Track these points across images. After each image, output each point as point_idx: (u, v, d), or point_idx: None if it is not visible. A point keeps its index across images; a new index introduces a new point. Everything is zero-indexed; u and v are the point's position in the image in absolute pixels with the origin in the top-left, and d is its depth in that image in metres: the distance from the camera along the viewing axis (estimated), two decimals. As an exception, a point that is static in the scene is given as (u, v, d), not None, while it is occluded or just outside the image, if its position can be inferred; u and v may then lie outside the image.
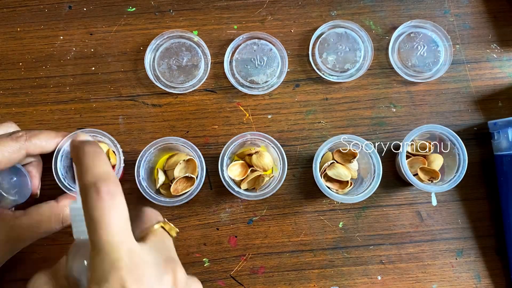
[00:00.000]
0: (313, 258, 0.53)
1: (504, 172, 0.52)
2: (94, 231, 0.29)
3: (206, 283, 0.53)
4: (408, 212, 0.54)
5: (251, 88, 0.56)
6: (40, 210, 0.46)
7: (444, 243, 0.54)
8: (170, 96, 0.56)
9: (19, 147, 0.45)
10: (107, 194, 0.30)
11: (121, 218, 0.30)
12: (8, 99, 0.55)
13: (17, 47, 0.56)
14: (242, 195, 0.49)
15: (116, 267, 0.29)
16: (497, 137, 0.53)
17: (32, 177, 0.49)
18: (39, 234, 0.46)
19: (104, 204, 0.29)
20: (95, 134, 0.49)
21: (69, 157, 0.50)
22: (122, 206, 0.31)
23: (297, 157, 0.55)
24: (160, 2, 0.57)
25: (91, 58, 0.56)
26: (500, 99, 0.56)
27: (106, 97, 0.55)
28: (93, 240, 0.30)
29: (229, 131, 0.55)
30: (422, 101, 0.56)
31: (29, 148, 0.46)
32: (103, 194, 0.30)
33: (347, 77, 0.56)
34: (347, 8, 0.57)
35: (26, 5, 0.57)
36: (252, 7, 0.57)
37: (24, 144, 0.45)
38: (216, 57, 0.56)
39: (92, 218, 0.29)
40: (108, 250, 0.29)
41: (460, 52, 0.57)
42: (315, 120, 0.55)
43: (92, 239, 0.30)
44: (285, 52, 0.56)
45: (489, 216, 0.54)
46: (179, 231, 0.44)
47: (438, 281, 0.53)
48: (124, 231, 0.30)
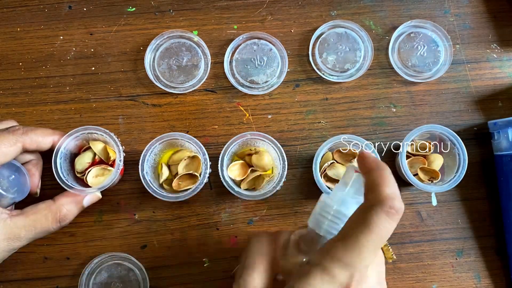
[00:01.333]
0: (313, 258, 0.53)
1: (504, 172, 0.52)
2: (370, 240, 0.31)
3: (206, 283, 0.53)
4: (408, 212, 0.54)
5: (251, 88, 0.56)
6: (37, 209, 0.46)
7: (444, 243, 0.54)
8: (170, 96, 0.56)
9: (15, 140, 0.45)
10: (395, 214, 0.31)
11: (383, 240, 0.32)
12: (8, 99, 0.55)
13: (17, 47, 0.56)
14: (242, 195, 0.49)
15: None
16: (497, 137, 0.53)
17: (31, 176, 0.49)
18: (36, 234, 0.46)
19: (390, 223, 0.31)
20: (92, 131, 0.49)
21: (68, 160, 0.50)
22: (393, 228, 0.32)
23: (297, 157, 0.55)
24: (160, 2, 0.57)
25: (91, 58, 0.56)
26: (500, 99, 0.56)
27: (106, 97, 0.55)
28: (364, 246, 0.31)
29: (229, 131, 0.55)
30: (422, 101, 0.56)
31: (25, 142, 0.46)
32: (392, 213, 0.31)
33: (347, 77, 0.56)
34: (347, 8, 0.57)
35: (26, 5, 0.57)
36: (252, 7, 0.57)
37: (20, 137, 0.45)
38: (216, 57, 0.56)
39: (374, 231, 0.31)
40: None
41: (460, 52, 0.57)
42: (315, 120, 0.55)
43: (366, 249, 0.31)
44: (285, 52, 0.56)
45: (489, 216, 0.54)
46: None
47: (438, 281, 0.53)
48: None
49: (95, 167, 0.50)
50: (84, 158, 0.50)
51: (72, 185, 0.48)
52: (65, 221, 0.47)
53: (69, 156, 0.51)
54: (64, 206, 0.47)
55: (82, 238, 0.53)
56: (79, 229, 0.53)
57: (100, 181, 0.50)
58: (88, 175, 0.50)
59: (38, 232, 0.46)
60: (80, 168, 0.50)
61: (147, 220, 0.54)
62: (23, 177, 0.48)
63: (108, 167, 0.50)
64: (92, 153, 0.51)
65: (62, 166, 0.49)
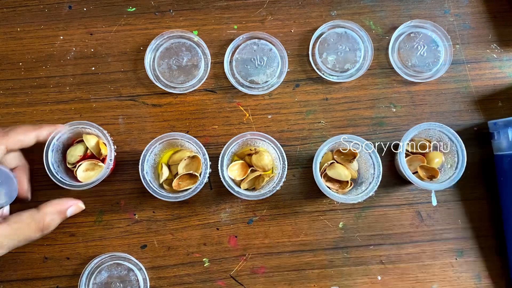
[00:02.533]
0: (313, 258, 0.54)
1: (504, 172, 0.52)
2: None
3: (206, 283, 0.53)
4: (408, 212, 0.54)
5: (251, 88, 0.56)
6: (20, 218, 0.45)
7: (444, 243, 0.54)
8: (170, 96, 0.56)
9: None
10: None
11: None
12: (8, 99, 0.55)
13: (17, 47, 0.56)
14: (242, 195, 0.49)
15: None
16: (497, 137, 0.53)
17: (19, 181, 0.49)
18: (19, 242, 0.45)
19: None
20: (84, 126, 0.49)
21: (60, 151, 0.50)
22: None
23: (297, 157, 0.55)
24: (160, 2, 0.57)
25: (91, 58, 0.56)
26: (500, 99, 0.56)
27: (106, 97, 0.55)
28: None
29: (229, 131, 0.55)
30: (422, 101, 0.56)
31: (7, 142, 0.46)
32: None
33: (347, 77, 0.56)
34: (347, 8, 0.57)
35: (26, 5, 0.57)
36: (252, 7, 0.57)
37: (2, 139, 0.45)
38: (216, 57, 0.56)
39: None
40: None
41: (460, 52, 0.57)
42: (315, 120, 0.55)
43: None
44: (285, 52, 0.56)
45: (489, 216, 0.54)
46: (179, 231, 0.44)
47: (438, 281, 0.53)
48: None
49: (86, 161, 0.50)
50: (76, 151, 0.51)
51: (62, 178, 0.48)
52: (48, 230, 0.47)
53: (61, 148, 0.51)
54: (48, 216, 0.47)
55: (82, 238, 0.53)
56: (79, 229, 0.53)
57: (90, 176, 0.50)
58: (79, 168, 0.50)
59: (21, 240, 0.45)
60: (71, 160, 0.51)
61: (147, 220, 0.54)
62: (9, 181, 0.47)
63: (99, 163, 0.50)
64: (84, 146, 0.51)
65: (53, 157, 0.49)
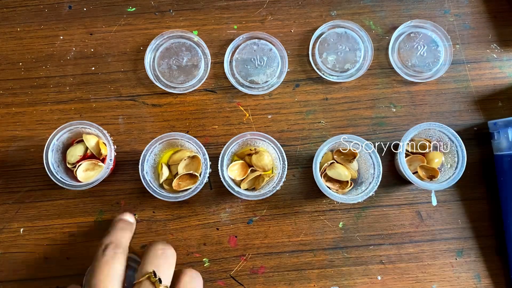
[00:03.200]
0: (313, 258, 0.54)
1: (504, 172, 0.52)
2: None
3: (206, 283, 0.53)
4: (408, 212, 0.54)
5: (251, 88, 0.56)
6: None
7: (444, 243, 0.54)
8: (170, 96, 0.56)
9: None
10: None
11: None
12: (8, 99, 0.55)
13: (17, 47, 0.56)
14: (242, 195, 0.49)
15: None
16: (497, 137, 0.53)
17: None
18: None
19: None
20: (84, 126, 0.49)
21: (60, 151, 0.51)
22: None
23: (297, 157, 0.55)
24: (160, 2, 0.57)
25: (91, 58, 0.56)
26: (500, 99, 0.56)
27: (106, 97, 0.55)
28: None
29: (229, 131, 0.55)
30: (422, 101, 0.56)
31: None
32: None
33: (347, 77, 0.56)
34: (347, 8, 0.57)
35: (26, 5, 0.57)
36: (252, 7, 0.57)
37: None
38: (216, 57, 0.56)
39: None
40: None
41: (460, 52, 0.57)
42: (315, 120, 0.55)
43: None
44: (285, 52, 0.56)
45: (489, 216, 0.54)
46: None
47: (438, 281, 0.53)
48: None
49: (86, 161, 0.50)
50: (76, 151, 0.51)
51: (62, 178, 0.48)
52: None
53: (61, 147, 0.51)
54: None
55: (82, 238, 0.53)
56: (79, 229, 0.53)
57: (90, 176, 0.50)
58: (79, 168, 0.50)
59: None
60: (71, 160, 0.51)
61: (147, 220, 0.54)
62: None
63: (99, 163, 0.51)
64: (84, 146, 0.51)
65: (53, 157, 0.49)
